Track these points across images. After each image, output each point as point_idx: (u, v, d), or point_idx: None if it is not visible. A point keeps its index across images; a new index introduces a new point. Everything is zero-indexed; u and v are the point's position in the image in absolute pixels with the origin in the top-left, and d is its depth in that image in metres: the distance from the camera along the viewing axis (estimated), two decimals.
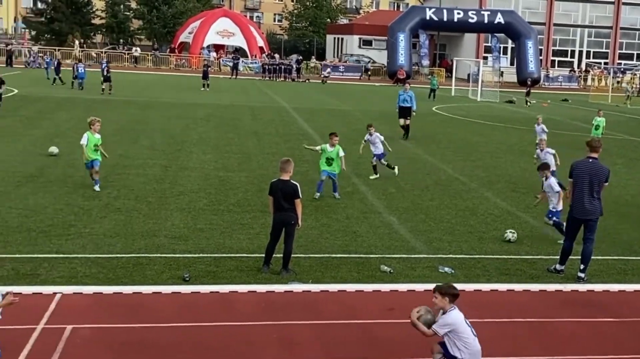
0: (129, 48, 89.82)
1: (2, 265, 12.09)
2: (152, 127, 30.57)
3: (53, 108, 35.87)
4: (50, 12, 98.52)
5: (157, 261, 12.76)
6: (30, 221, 14.97)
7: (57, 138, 25.86)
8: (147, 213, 16.08)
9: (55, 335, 9.52)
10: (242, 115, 36.81)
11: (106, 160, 18.37)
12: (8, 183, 18.36)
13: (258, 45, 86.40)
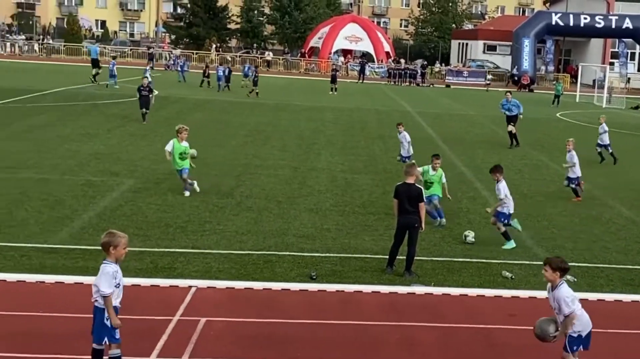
0: (262, 52, 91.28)
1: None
2: (283, 129, 30.99)
3: (190, 109, 36.82)
4: (189, 17, 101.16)
5: (286, 259, 12.95)
6: (168, 217, 15.43)
7: (193, 138, 26.48)
8: (277, 213, 16.33)
9: (190, 327, 9.78)
10: (368, 118, 36.89)
11: (239, 158, 18.73)
12: (149, 180, 18.98)
13: (384, 50, 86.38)
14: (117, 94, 41.86)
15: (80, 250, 12.81)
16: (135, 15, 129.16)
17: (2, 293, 10.60)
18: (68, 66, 68.74)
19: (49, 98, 37.92)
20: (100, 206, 16.08)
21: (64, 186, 17.63)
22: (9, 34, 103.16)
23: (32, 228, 13.99)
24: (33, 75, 53.44)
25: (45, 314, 9.90)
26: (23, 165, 20.04)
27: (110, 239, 7.84)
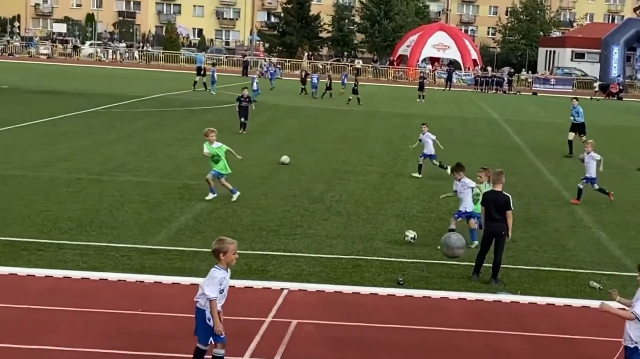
0: (352, 60, 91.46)
1: None
2: (372, 135, 31.01)
3: (284, 115, 37.17)
4: (283, 26, 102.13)
5: (374, 263, 12.96)
6: (261, 220, 15.60)
7: (286, 144, 26.81)
8: (365, 218, 16.35)
9: (282, 328, 9.87)
10: (455, 125, 36.60)
11: (330, 164, 18.76)
12: (244, 185, 19.18)
13: (472, 57, 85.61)
14: (213, 100, 42.57)
15: (178, 251, 13.06)
16: (230, 23, 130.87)
17: (104, 292, 10.88)
18: (166, 73, 70.16)
19: (149, 104, 38.79)
20: (197, 209, 16.37)
21: (163, 189, 18.01)
22: (111, 41, 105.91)
23: (132, 229, 14.33)
24: (133, 82, 54.74)
25: (144, 313, 10.13)
26: (124, 168, 20.55)
27: (220, 246, 7.94)
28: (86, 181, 18.43)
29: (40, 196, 16.51)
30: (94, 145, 24.20)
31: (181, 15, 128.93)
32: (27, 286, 10.86)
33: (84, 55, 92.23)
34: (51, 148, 22.96)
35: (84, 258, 12.30)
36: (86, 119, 31.15)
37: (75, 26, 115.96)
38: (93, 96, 40.49)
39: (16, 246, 12.70)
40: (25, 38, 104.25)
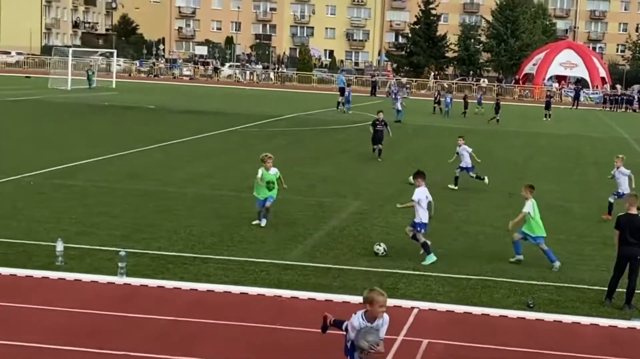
0: (477, 79, 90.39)
1: None
2: (497, 154, 30.50)
3: (410, 134, 37.05)
4: (410, 46, 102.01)
5: (503, 285, 12.71)
6: (391, 238, 15.55)
7: (414, 163, 26.67)
8: (492, 238, 16.10)
9: (413, 348, 9.82)
10: (583, 145, 35.59)
11: (448, 179, 18.47)
12: (373, 203, 19.28)
13: (600, 76, 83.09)
14: (344, 120, 42.90)
15: (313, 267, 13.20)
16: (360, 45, 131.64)
17: (245, 305, 11.11)
18: (299, 93, 71.22)
19: (283, 124, 39.47)
20: (330, 226, 16.51)
21: (297, 206, 18.25)
22: (248, 63, 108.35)
23: (269, 245, 14.57)
24: (269, 102, 55.82)
25: (282, 328, 10.27)
26: None
27: (368, 295, 7.63)
28: (227, 198, 18.91)
29: (186, 212, 17.03)
30: (234, 163, 24.81)
31: (314, 38, 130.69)
32: (173, 299, 11.21)
33: (224, 76, 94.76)
34: (195, 165, 23.69)
35: (226, 272, 12.59)
36: (226, 138, 32.00)
37: (215, 48, 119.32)
38: (232, 116, 41.54)
39: (164, 259, 13.14)
40: (170, 60, 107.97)
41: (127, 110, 43.11)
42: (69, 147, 26.19)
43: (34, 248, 13.26)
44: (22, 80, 69.47)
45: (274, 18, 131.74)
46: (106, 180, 20.29)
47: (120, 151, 25.76)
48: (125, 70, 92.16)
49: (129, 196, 18.40)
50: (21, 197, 17.55)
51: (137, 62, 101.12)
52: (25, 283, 11.48)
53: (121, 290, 11.41)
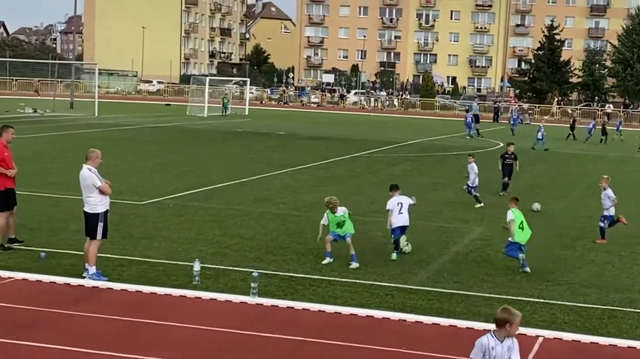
0: (602, 105, 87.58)
1: None
2: (623, 181, 29.34)
3: (532, 160, 36.21)
4: (533, 72, 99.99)
5: (631, 315, 12.20)
6: (514, 265, 15.16)
7: (537, 189, 26.11)
8: (619, 267, 15.51)
9: None
10: None
11: (581, 210, 17.89)
12: (496, 228, 18.87)
13: None
14: (465, 146, 42.37)
15: (437, 292, 13.06)
16: (482, 71, 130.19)
17: (371, 328, 11.10)
18: (422, 119, 70.93)
19: (407, 149, 39.38)
20: (453, 251, 16.33)
21: (421, 231, 18.11)
22: (373, 90, 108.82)
23: (394, 269, 14.52)
24: (393, 128, 55.81)
25: (408, 352, 10.20)
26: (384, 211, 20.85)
27: (507, 316, 7.23)
28: (353, 221, 18.93)
29: (313, 235, 17.17)
30: (360, 188, 24.94)
31: (437, 64, 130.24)
32: (302, 319, 11.32)
33: (349, 103, 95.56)
34: (322, 190, 23.88)
35: (352, 295, 12.63)
36: (352, 163, 32.18)
37: (341, 76, 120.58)
38: (357, 142, 41.78)
39: (293, 281, 13.31)
40: (298, 88, 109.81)
41: (258, 136, 44.08)
42: (205, 171, 26.98)
43: (172, 268, 13.70)
44: (162, 108, 72.15)
45: (398, 46, 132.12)
46: (240, 203, 20.77)
47: (252, 175, 26.34)
48: (257, 98, 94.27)
49: (261, 219, 18.77)
50: (162, 219, 18.18)
51: (268, 90, 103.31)
52: (164, 301, 11.86)
53: (253, 310, 11.62)
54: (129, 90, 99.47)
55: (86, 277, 12.57)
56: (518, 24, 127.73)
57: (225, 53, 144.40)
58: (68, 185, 13.05)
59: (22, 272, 12.87)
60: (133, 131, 43.23)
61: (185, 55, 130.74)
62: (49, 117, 52.25)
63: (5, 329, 10.11)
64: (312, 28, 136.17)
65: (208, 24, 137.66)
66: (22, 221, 16.95)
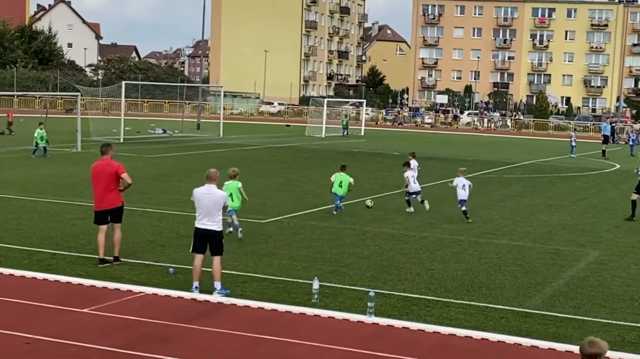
0: None
1: None
2: None
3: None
4: None
5: None
6: (633, 290, 14.63)
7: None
8: None
9: None
10: None
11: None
12: (613, 253, 18.24)
13: None
14: (578, 167, 41.11)
15: (552, 317, 12.67)
16: (597, 91, 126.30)
17: (486, 351, 10.86)
18: (536, 140, 69.28)
19: (520, 170, 38.55)
20: (568, 275, 15.82)
21: (535, 254, 17.68)
22: (486, 110, 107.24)
23: (508, 292, 14.19)
24: (506, 149, 54.80)
25: None
26: (500, 232, 20.53)
27: (598, 350, 7.07)
28: (466, 243, 18.71)
29: (427, 255, 17.06)
30: (472, 209, 24.43)
31: (550, 85, 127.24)
32: (417, 340, 11.20)
33: (462, 123, 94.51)
34: (435, 211, 23.66)
35: (466, 317, 12.42)
36: None
37: (455, 97, 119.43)
38: (470, 162, 41.19)
39: (408, 301, 13.21)
40: (413, 109, 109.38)
41: (374, 156, 44.12)
42: (323, 191, 27.18)
43: (292, 285, 13.84)
44: (282, 129, 73.33)
45: (512, 66, 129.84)
46: (355, 223, 20.82)
47: (367, 195, 26.34)
48: (373, 119, 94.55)
49: (377, 238, 18.75)
50: (281, 237, 18.43)
51: (384, 111, 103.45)
52: (285, 318, 11.99)
53: (370, 329, 11.59)
54: (251, 112, 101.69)
55: (215, 293, 12.84)
56: (635, 43, 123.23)
57: (342, 75, 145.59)
58: (194, 203, 13.39)
59: (153, 287, 13.28)
60: (255, 151, 44.12)
61: (304, 78, 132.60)
62: (177, 138, 54.02)
63: (135, 342, 10.46)
64: (427, 49, 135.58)
65: (326, 47, 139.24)
66: (152, 237, 17.60)
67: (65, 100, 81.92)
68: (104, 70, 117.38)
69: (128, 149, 39.69)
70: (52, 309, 11.88)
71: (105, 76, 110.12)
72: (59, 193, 24.00)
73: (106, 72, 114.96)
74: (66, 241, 16.78)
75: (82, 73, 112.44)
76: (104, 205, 14.77)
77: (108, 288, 13.11)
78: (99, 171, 14.82)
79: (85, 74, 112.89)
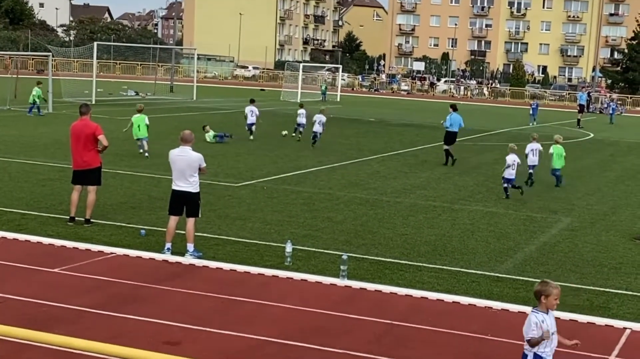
0: None
1: None
2: None
3: (624, 152, 35.18)
4: (626, 62, 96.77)
5: None
6: (602, 256, 14.88)
7: (627, 181, 25.36)
8: None
9: None
10: None
11: None
12: (584, 220, 18.48)
13: None
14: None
15: (523, 281, 12.86)
16: (574, 60, 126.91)
17: (457, 314, 11.03)
18: (511, 108, 69.62)
19: (495, 138, 38.78)
20: (540, 241, 16.03)
21: (508, 220, 17.88)
22: (463, 78, 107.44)
23: (481, 257, 14.37)
24: (482, 117, 55.03)
25: (493, 339, 10.11)
26: (473, 198, 20.65)
27: (543, 288, 7.34)
28: (440, 209, 18.85)
29: (401, 220, 17.18)
30: (447, 175, 24.71)
31: (527, 53, 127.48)
32: (389, 303, 11.34)
33: (439, 91, 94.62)
34: (410, 177, 23.83)
35: (438, 281, 12.57)
36: (440, 150, 31.82)
37: (432, 64, 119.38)
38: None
39: (381, 265, 13.33)
40: (389, 75, 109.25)
41: (349, 122, 44.12)
42: (297, 156, 27.22)
43: (265, 248, 13.90)
44: (257, 93, 72.97)
45: (489, 34, 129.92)
46: (330, 188, 20.89)
47: (342, 161, 26.44)
48: (349, 85, 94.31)
49: (351, 203, 18.83)
50: (255, 201, 18.46)
51: (360, 77, 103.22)
52: (257, 280, 12.06)
53: (342, 292, 11.70)
54: (225, 75, 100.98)
55: (187, 255, 12.86)
56: (612, 12, 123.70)
57: (318, 40, 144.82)
58: (167, 166, 13.35)
59: (124, 248, 13.28)
60: (229, 114, 43.88)
61: (279, 42, 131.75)
62: (150, 100, 53.56)
63: (107, 302, 10.49)
64: (404, 16, 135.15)
65: (302, 10, 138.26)
66: (124, 199, 17.55)
67: (37, 61, 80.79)
68: (75, 31, 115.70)
69: (100, 111, 39.26)
70: (22, 269, 11.85)
71: (77, 37, 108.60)
72: (30, 154, 23.79)
73: (78, 33, 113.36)
74: (37, 202, 16.69)
75: (54, 33, 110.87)
76: (82, 165, 14.75)
77: (79, 249, 13.09)
78: (77, 131, 14.75)
79: (57, 35, 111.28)
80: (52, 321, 9.53)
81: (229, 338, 9.45)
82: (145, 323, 9.78)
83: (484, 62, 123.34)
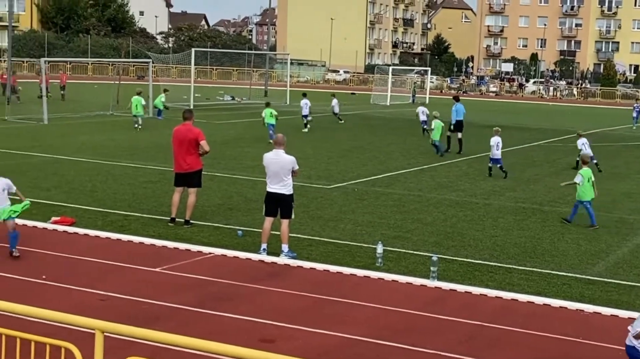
0: None
1: None
2: None
3: None
4: None
5: None
6: None
7: None
8: None
9: None
10: None
11: None
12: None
13: None
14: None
15: (615, 284, 12.49)
16: None
17: (547, 316, 10.79)
18: (602, 109, 67.56)
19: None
20: (633, 243, 15.53)
21: (600, 222, 17.30)
22: (552, 79, 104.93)
23: (571, 259, 14.02)
24: (572, 117, 53.66)
25: (585, 342, 9.85)
26: (564, 200, 20.07)
27: None
28: (530, 211, 18.49)
29: (491, 222, 16.93)
30: (537, 177, 24.21)
31: (619, 52, 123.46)
32: (479, 304, 11.18)
33: (528, 92, 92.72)
34: (499, 178, 23.41)
35: (529, 283, 12.33)
36: (530, 152, 31.27)
37: (520, 65, 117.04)
38: (535, 131, 40.55)
39: (471, 266, 13.17)
40: (478, 77, 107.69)
41: None
42: (387, 158, 27.16)
43: (357, 249, 13.93)
44: (348, 97, 73.14)
45: (579, 34, 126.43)
46: (420, 190, 20.77)
47: (430, 162, 26.24)
48: (437, 87, 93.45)
49: (440, 205, 18.67)
50: (346, 202, 18.51)
51: (448, 79, 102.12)
52: (349, 280, 12.09)
53: (432, 293, 11.62)
54: (317, 79, 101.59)
55: (282, 256, 13.00)
56: None
57: (407, 43, 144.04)
58: (263, 169, 13.55)
59: (222, 248, 13.53)
60: (321, 119, 44.16)
61: (369, 46, 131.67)
62: (245, 104, 54.42)
63: (204, 300, 10.71)
64: (492, 17, 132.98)
65: (392, 14, 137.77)
66: (222, 201, 17.90)
67: (137, 67, 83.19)
68: (174, 38, 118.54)
69: (197, 115, 40.03)
70: (125, 268, 12.23)
71: (176, 44, 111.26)
72: (132, 157, 24.53)
73: (176, 40, 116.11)
74: (139, 203, 17.19)
75: (153, 40, 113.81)
76: (184, 168, 15.10)
77: (179, 249, 13.41)
78: (180, 136, 15.11)
79: (156, 42, 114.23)
80: (152, 318, 9.79)
81: (321, 336, 9.52)
82: (241, 321, 9.94)
83: (574, 62, 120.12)
